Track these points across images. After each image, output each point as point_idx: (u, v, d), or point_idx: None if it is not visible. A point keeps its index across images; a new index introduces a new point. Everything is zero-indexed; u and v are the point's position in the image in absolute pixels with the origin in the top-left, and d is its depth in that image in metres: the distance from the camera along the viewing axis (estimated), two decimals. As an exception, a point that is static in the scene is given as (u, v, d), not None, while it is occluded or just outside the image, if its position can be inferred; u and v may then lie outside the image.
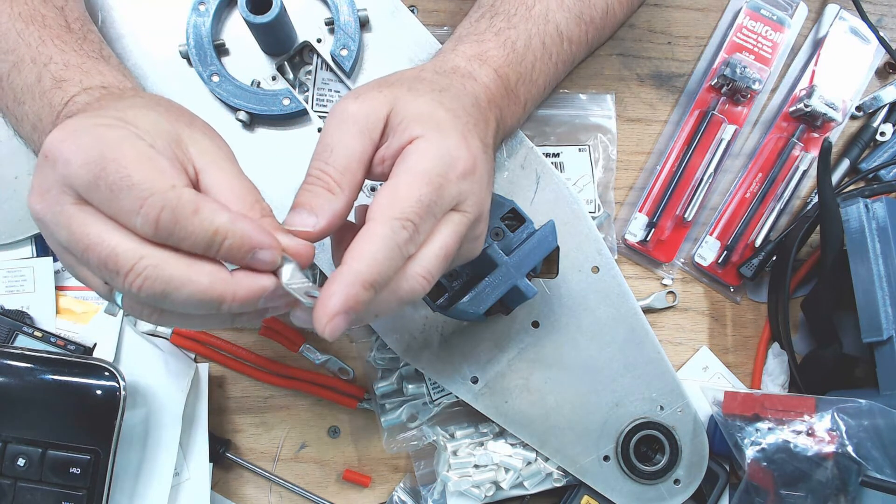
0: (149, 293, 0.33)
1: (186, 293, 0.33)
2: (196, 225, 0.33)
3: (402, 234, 0.37)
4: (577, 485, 0.57)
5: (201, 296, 0.33)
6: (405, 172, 0.39)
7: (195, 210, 0.33)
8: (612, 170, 0.63)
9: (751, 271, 0.62)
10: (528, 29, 0.51)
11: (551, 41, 0.53)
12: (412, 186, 0.38)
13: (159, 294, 0.33)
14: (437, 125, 0.41)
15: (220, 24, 0.56)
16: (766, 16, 0.64)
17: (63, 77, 0.44)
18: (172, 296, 0.33)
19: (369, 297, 0.36)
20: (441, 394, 0.58)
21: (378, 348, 0.59)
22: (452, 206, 0.40)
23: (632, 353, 0.56)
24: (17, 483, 0.49)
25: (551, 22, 0.52)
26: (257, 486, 0.59)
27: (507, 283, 0.48)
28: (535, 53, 0.52)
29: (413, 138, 0.40)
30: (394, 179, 0.39)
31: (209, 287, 0.34)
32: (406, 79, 0.45)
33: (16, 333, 0.54)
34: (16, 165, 0.55)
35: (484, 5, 0.53)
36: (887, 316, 0.52)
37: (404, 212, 0.37)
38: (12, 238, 0.55)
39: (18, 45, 0.45)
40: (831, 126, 0.64)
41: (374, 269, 0.36)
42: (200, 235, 0.33)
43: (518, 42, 0.51)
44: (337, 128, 0.40)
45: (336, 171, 0.39)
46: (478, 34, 0.51)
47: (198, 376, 0.56)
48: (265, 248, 0.34)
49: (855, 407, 0.50)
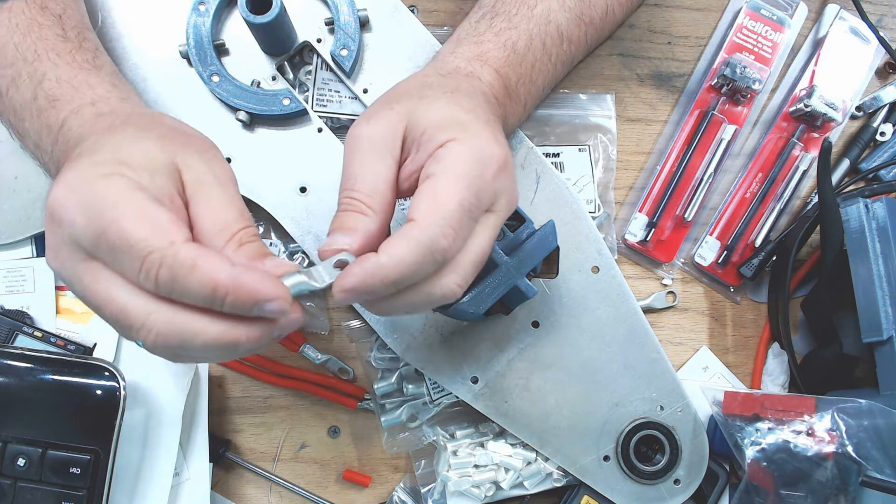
0: (162, 346, 0.34)
1: (200, 343, 0.34)
2: (195, 282, 0.33)
3: (440, 243, 0.36)
4: (577, 485, 0.57)
5: (215, 343, 0.34)
6: (443, 174, 0.38)
7: (192, 267, 0.33)
8: (612, 170, 0.63)
9: (751, 271, 0.62)
10: (529, 29, 0.51)
11: (552, 42, 0.53)
12: (452, 190, 0.37)
13: (173, 346, 0.34)
14: (463, 126, 0.40)
15: (220, 24, 0.56)
16: (766, 16, 0.64)
17: (55, 95, 0.45)
18: (186, 346, 0.34)
19: (387, 292, 0.37)
20: (441, 394, 0.58)
21: (378, 348, 0.59)
22: (489, 206, 0.40)
23: (632, 353, 0.56)
24: (17, 483, 0.49)
25: (552, 22, 0.52)
26: (257, 486, 0.59)
27: (507, 283, 0.48)
28: (536, 54, 0.52)
29: (443, 142, 0.39)
30: (431, 182, 0.38)
31: (221, 335, 0.34)
32: (414, 88, 0.44)
33: (16, 333, 0.54)
34: (16, 165, 0.55)
35: (484, 6, 0.53)
36: (887, 316, 0.52)
37: (446, 218, 0.36)
38: (12, 238, 0.55)
39: (16, 60, 0.46)
40: (831, 126, 0.64)
41: (400, 271, 0.36)
42: (200, 292, 0.33)
43: (519, 43, 0.51)
44: (356, 154, 0.40)
45: (365, 195, 0.39)
46: (477, 35, 0.51)
47: (198, 376, 0.56)
48: (271, 300, 0.34)
49: (855, 407, 0.50)
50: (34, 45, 0.46)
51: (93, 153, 0.37)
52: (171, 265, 0.33)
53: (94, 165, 0.36)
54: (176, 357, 0.37)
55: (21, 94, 0.46)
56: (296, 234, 0.55)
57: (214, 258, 0.33)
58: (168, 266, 0.33)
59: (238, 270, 0.33)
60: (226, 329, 0.34)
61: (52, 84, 0.45)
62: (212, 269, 0.33)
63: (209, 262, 0.33)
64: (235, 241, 0.37)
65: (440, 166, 0.38)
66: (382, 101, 0.43)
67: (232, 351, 0.35)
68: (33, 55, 0.46)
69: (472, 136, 0.40)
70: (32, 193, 0.55)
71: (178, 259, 0.33)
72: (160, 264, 0.33)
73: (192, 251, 0.33)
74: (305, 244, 0.55)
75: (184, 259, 0.33)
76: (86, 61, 0.47)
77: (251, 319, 0.35)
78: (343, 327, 0.60)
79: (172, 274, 0.33)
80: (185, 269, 0.33)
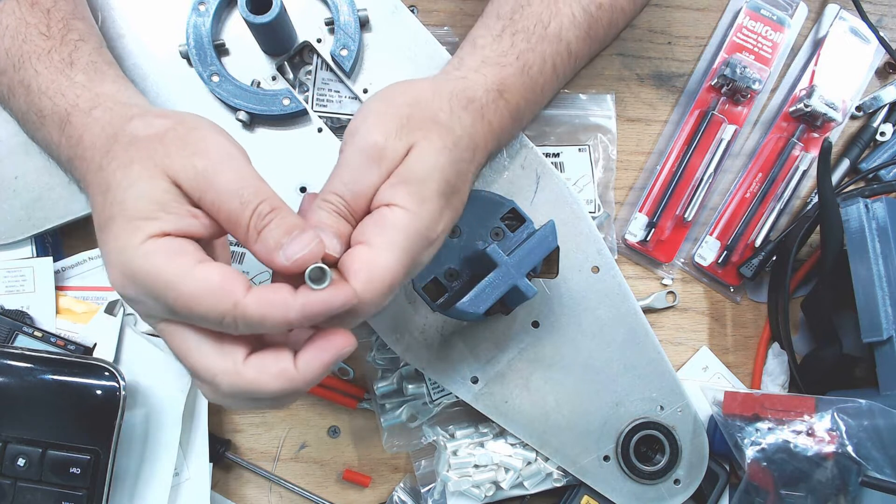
0: (230, 399, 0.38)
1: (265, 393, 0.37)
2: (271, 326, 0.36)
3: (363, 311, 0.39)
4: (577, 485, 0.57)
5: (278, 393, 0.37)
6: (386, 248, 0.39)
7: (262, 319, 0.35)
8: (612, 170, 0.63)
9: (751, 271, 0.62)
10: (543, 51, 0.51)
11: (561, 61, 0.53)
12: (389, 267, 0.39)
13: (239, 400, 0.38)
14: (423, 199, 0.41)
15: (220, 24, 0.56)
16: (766, 16, 0.64)
17: (40, 109, 0.46)
18: (251, 399, 0.38)
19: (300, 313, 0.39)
20: (441, 394, 0.58)
21: (378, 348, 0.59)
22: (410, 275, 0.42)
23: (632, 353, 0.56)
24: (17, 483, 0.49)
25: (563, 41, 0.52)
26: (257, 486, 0.59)
27: (507, 283, 0.48)
28: (546, 77, 0.52)
29: (394, 204, 0.41)
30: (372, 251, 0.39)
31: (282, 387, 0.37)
32: (426, 121, 0.44)
33: (16, 333, 0.54)
34: (16, 165, 0.55)
35: (503, 17, 0.52)
36: (887, 316, 0.52)
37: (378, 294, 0.38)
38: (12, 238, 0.55)
39: (7, 67, 0.47)
40: (831, 126, 0.64)
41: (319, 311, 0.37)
42: (280, 330, 0.37)
43: (534, 67, 0.51)
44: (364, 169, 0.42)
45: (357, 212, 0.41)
46: (501, 55, 0.50)
47: (198, 376, 0.56)
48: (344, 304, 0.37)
49: (855, 407, 0.50)
50: (20, 50, 0.46)
51: (111, 222, 0.38)
52: (245, 321, 0.35)
53: (122, 238, 0.37)
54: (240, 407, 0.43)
55: (18, 104, 0.47)
56: (296, 234, 0.55)
57: (277, 303, 0.36)
58: (243, 322, 0.36)
59: (302, 301, 0.36)
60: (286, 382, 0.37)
61: (35, 97, 0.46)
62: (280, 315, 0.36)
63: (274, 311, 0.35)
64: (253, 233, 0.37)
65: (384, 238, 0.40)
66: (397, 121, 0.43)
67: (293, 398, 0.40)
68: (19, 62, 0.46)
69: (424, 212, 0.41)
70: (32, 193, 0.55)
71: (248, 317, 0.35)
72: (235, 324, 0.36)
73: (256, 305, 0.35)
74: (305, 244, 0.55)
75: (251, 315, 0.35)
76: (62, 60, 0.46)
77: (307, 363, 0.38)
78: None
79: (249, 325, 0.36)
80: (257, 321, 0.35)
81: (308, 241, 0.37)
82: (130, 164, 0.38)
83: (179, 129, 0.40)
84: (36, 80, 0.46)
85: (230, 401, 0.39)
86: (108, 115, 0.44)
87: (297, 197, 0.55)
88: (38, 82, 0.46)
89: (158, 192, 0.37)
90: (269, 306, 0.35)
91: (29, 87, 0.46)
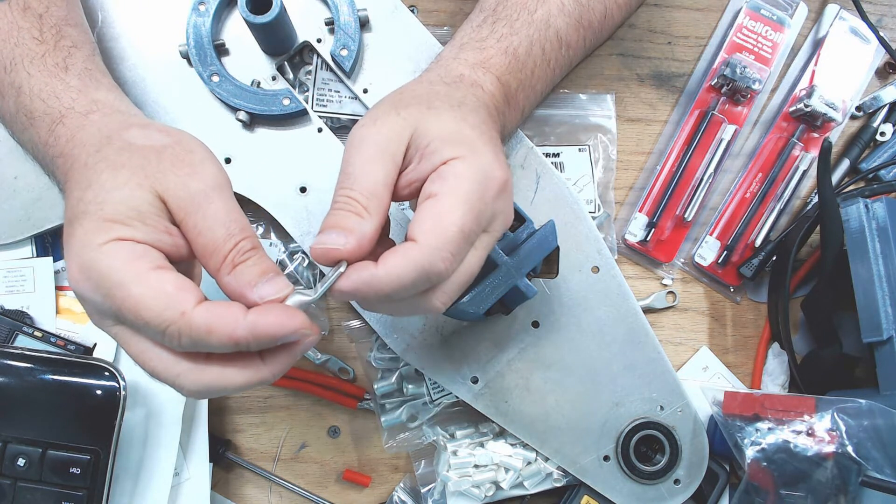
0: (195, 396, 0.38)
1: (231, 388, 0.37)
2: (216, 342, 0.35)
3: (437, 267, 0.38)
4: (577, 485, 0.57)
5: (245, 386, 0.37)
6: (447, 196, 0.39)
7: (209, 331, 0.35)
8: (612, 170, 0.63)
9: (751, 271, 0.62)
10: (529, 35, 0.51)
11: (551, 47, 0.53)
12: (455, 214, 0.38)
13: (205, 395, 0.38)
14: (469, 145, 0.41)
15: (220, 24, 0.56)
16: (766, 16, 0.64)
17: (30, 111, 0.45)
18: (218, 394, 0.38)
19: (378, 301, 0.39)
20: (441, 394, 0.58)
21: (378, 348, 0.59)
22: (486, 227, 0.41)
23: (632, 353, 0.56)
24: (17, 483, 0.49)
25: (552, 27, 0.52)
26: (257, 486, 0.59)
27: (507, 283, 0.48)
28: (535, 60, 0.52)
29: (447, 159, 0.40)
30: (435, 202, 0.39)
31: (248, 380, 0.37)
32: (421, 96, 0.44)
33: (16, 333, 0.54)
34: (16, 165, 0.55)
35: (486, 9, 0.53)
36: (887, 316, 0.52)
37: (447, 243, 0.38)
38: (12, 238, 0.55)
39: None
40: (831, 126, 0.64)
41: (394, 287, 0.37)
42: (224, 348, 0.36)
43: (520, 49, 0.51)
44: (358, 154, 0.40)
45: (363, 196, 0.39)
46: (480, 40, 0.51)
47: (198, 376, 0.56)
48: (291, 333, 0.36)
49: (855, 407, 0.50)
50: (11, 52, 0.46)
51: (83, 217, 0.37)
52: (188, 334, 0.35)
53: (89, 234, 0.36)
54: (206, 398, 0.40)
55: (8, 107, 0.47)
56: (296, 234, 0.55)
57: (227, 316, 0.35)
58: (186, 335, 0.35)
59: (252, 319, 0.35)
60: (252, 374, 0.37)
61: (27, 98, 0.45)
62: (228, 329, 0.35)
63: (222, 323, 0.35)
64: (228, 265, 0.37)
65: (445, 186, 0.39)
66: (388, 105, 0.43)
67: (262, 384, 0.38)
68: (10, 65, 0.46)
69: (477, 156, 0.40)
70: (32, 193, 0.55)
71: (194, 328, 0.34)
72: (179, 334, 0.35)
73: (204, 317, 0.35)
74: (305, 244, 0.55)
75: (198, 327, 0.34)
76: (55, 65, 0.46)
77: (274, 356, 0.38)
78: (343, 327, 0.60)
79: (193, 340, 0.35)
80: (202, 335, 0.35)
81: (282, 287, 0.37)
82: (120, 168, 0.38)
83: (177, 148, 0.39)
84: (28, 83, 0.45)
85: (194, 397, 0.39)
86: (105, 119, 0.43)
87: (297, 197, 0.55)
88: (30, 84, 0.45)
89: (141, 202, 0.37)
90: (218, 318, 0.35)
91: (20, 89, 0.45)
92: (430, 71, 0.50)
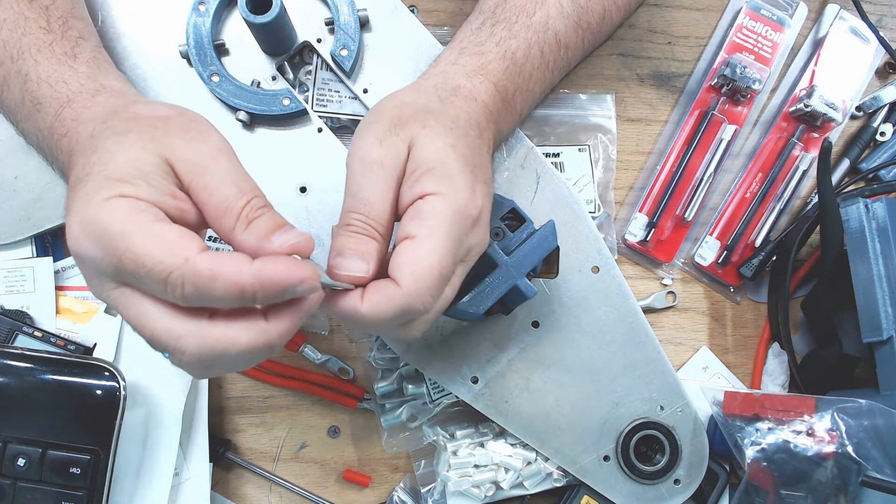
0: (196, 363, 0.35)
1: (234, 354, 0.35)
2: (220, 290, 0.33)
3: (417, 307, 0.39)
4: (577, 485, 0.57)
5: (248, 352, 0.35)
6: (427, 238, 0.39)
7: (212, 278, 0.33)
8: (612, 170, 0.63)
9: (751, 271, 0.62)
10: (528, 38, 0.51)
11: (549, 49, 0.53)
12: (434, 255, 0.39)
13: (207, 362, 0.35)
14: (449, 179, 0.41)
15: (220, 24, 0.56)
16: (766, 16, 0.64)
17: (37, 98, 0.45)
18: (221, 360, 0.35)
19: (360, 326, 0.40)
20: (441, 394, 0.58)
21: (378, 348, 0.59)
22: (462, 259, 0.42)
23: (632, 353, 0.56)
24: (17, 483, 0.49)
25: (550, 30, 0.52)
26: (257, 486, 0.59)
27: (507, 283, 0.48)
28: (534, 63, 0.52)
29: (426, 194, 0.41)
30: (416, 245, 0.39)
31: (253, 342, 0.35)
32: (418, 112, 0.44)
33: (16, 333, 0.54)
34: (16, 165, 0.55)
35: (485, 11, 0.53)
36: (887, 316, 0.52)
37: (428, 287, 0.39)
38: (12, 238, 0.55)
39: (4, 59, 0.46)
40: (831, 126, 0.64)
41: (376, 322, 0.38)
42: (229, 298, 0.34)
43: (518, 52, 0.51)
44: (369, 177, 0.41)
45: (379, 224, 0.41)
46: (479, 45, 0.51)
47: (198, 376, 0.56)
48: (299, 283, 0.35)
49: (855, 407, 0.50)
50: (18, 41, 0.46)
51: (87, 178, 0.37)
52: (192, 281, 0.33)
53: (92, 192, 0.36)
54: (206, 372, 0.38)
55: (13, 95, 0.47)
56: (296, 234, 0.55)
57: (231, 263, 0.34)
58: (190, 282, 0.33)
59: (258, 266, 0.34)
60: (257, 334, 0.35)
61: (34, 85, 0.45)
62: (233, 275, 0.33)
63: (227, 269, 0.33)
64: (243, 221, 0.37)
65: (423, 228, 0.40)
66: (389, 122, 0.43)
67: (267, 353, 0.36)
68: (17, 53, 0.46)
69: (455, 191, 0.41)
70: (32, 193, 0.55)
71: (197, 274, 0.33)
72: (182, 282, 0.33)
73: (208, 262, 0.33)
74: (305, 244, 0.55)
75: (202, 272, 0.33)
76: (64, 53, 0.46)
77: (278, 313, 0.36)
78: (343, 327, 0.60)
79: (197, 288, 0.33)
80: (206, 281, 0.33)
81: (299, 235, 0.37)
82: (126, 133, 0.38)
83: (182, 118, 0.40)
84: (35, 70, 0.45)
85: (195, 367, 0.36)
86: (112, 100, 0.44)
87: (297, 197, 0.55)
88: (37, 71, 0.45)
89: (146, 164, 0.37)
90: (222, 265, 0.33)
91: (27, 76, 0.46)
92: (428, 77, 0.50)
